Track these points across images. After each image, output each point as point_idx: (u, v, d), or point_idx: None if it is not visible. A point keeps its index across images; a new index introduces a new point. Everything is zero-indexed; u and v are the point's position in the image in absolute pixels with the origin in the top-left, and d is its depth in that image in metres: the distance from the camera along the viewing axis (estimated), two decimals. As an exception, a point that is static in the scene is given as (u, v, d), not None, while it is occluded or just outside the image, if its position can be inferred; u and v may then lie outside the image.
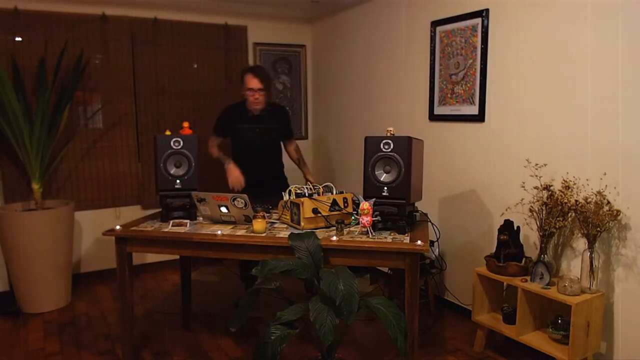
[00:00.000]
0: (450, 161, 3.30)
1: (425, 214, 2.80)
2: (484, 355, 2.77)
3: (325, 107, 4.74)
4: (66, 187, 3.90)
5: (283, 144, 3.49)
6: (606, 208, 2.31)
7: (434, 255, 3.33)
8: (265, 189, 3.09)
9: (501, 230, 2.68)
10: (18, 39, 3.63)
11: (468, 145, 3.16)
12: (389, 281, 3.48)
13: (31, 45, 3.66)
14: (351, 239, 2.27)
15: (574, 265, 2.56)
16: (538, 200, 2.55)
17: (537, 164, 2.68)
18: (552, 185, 2.53)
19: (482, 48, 2.97)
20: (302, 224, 2.42)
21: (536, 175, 2.64)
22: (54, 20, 3.72)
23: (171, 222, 2.57)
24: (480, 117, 3.04)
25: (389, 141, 2.36)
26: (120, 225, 2.52)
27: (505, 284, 2.78)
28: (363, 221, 2.28)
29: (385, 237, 2.30)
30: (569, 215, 2.47)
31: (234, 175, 3.15)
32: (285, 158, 3.51)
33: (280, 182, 3.35)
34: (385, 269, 3.63)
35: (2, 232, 3.33)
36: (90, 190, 4.00)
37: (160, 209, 2.71)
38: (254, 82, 3.12)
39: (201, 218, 2.70)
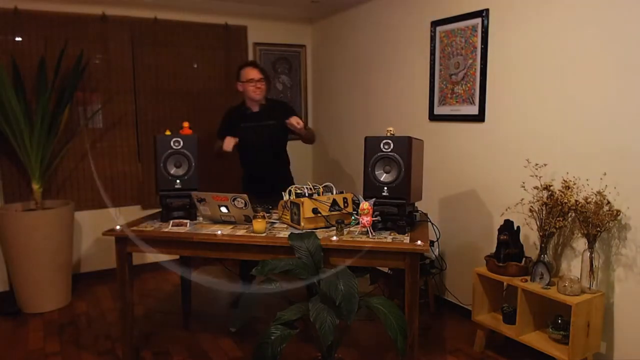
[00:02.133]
0: (450, 161, 3.30)
1: (425, 214, 2.80)
2: (484, 355, 2.77)
3: (325, 107, 4.74)
4: (66, 187, 3.91)
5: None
6: (606, 208, 2.31)
7: (434, 255, 3.33)
8: (270, 188, 3.08)
9: (501, 230, 2.68)
10: (18, 39, 3.63)
11: (468, 145, 3.16)
12: (389, 281, 3.48)
13: (31, 45, 3.66)
14: (351, 239, 2.27)
15: (574, 265, 2.56)
16: (538, 200, 2.55)
17: (537, 164, 2.68)
18: (552, 185, 2.53)
19: (482, 48, 2.97)
20: (302, 224, 2.42)
21: (536, 175, 2.64)
22: (54, 20, 3.72)
23: (171, 222, 2.57)
24: (480, 117, 3.04)
25: (389, 141, 2.36)
26: (120, 225, 2.52)
27: (505, 284, 2.78)
28: (363, 221, 2.28)
29: (385, 237, 2.30)
30: (569, 215, 2.47)
31: (226, 140, 3.19)
32: (292, 156, 3.50)
33: (285, 182, 3.33)
34: (385, 269, 3.63)
35: (2, 232, 3.33)
36: (90, 190, 4.00)
37: (160, 209, 2.71)
38: (253, 73, 3.17)
39: (201, 218, 2.70)
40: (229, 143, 3.17)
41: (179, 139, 2.63)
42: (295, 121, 3.13)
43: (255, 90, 3.18)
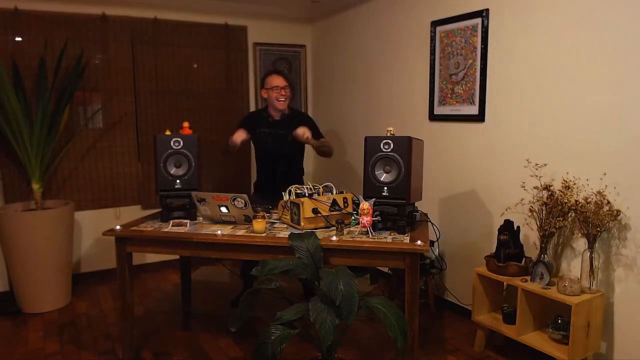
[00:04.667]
0: (450, 161, 3.30)
1: (425, 214, 2.81)
2: (484, 355, 2.77)
3: (326, 107, 4.74)
4: (66, 187, 3.90)
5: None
6: (606, 208, 2.31)
7: (434, 255, 3.33)
8: (279, 195, 3.06)
9: (501, 230, 2.68)
10: (18, 39, 3.63)
11: (468, 145, 3.16)
12: (389, 281, 3.48)
13: (31, 45, 3.66)
14: (351, 239, 2.27)
15: (574, 265, 2.56)
16: (538, 200, 2.55)
17: (537, 164, 2.68)
18: (552, 185, 2.53)
19: (482, 48, 2.97)
20: (302, 224, 2.42)
21: (536, 175, 2.64)
22: (54, 20, 3.72)
23: (171, 222, 2.57)
24: (480, 117, 3.04)
25: (389, 141, 2.36)
26: (120, 225, 2.52)
27: (505, 284, 2.78)
28: (363, 221, 2.28)
29: (385, 237, 2.30)
30: (569, 215, 2.47)
31: (238, 131, 3.14)
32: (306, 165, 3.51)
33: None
34: (385, 269, 3.63)
35: (2, 232, 3.33)
36: (90, 190, 4.00)
37: (160, 209, 2.71)
38: (278, 80, 3.21)
39: (201, 218, 2.70)
40: (240, 134, 3.11)
41: (179, 139, 2.63)
42: (301, 131, 3.05)
43: (279, 96, 3.20)
